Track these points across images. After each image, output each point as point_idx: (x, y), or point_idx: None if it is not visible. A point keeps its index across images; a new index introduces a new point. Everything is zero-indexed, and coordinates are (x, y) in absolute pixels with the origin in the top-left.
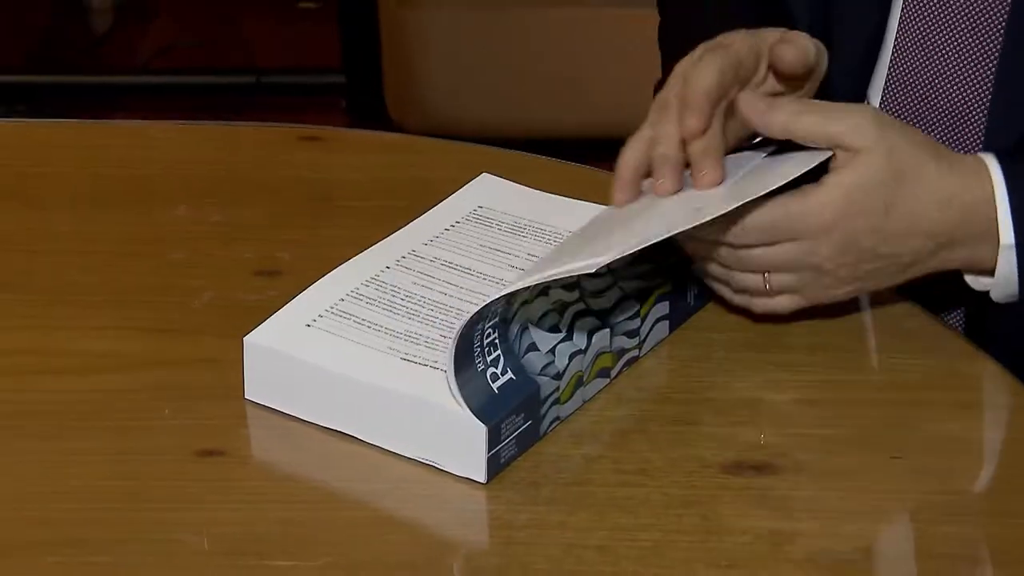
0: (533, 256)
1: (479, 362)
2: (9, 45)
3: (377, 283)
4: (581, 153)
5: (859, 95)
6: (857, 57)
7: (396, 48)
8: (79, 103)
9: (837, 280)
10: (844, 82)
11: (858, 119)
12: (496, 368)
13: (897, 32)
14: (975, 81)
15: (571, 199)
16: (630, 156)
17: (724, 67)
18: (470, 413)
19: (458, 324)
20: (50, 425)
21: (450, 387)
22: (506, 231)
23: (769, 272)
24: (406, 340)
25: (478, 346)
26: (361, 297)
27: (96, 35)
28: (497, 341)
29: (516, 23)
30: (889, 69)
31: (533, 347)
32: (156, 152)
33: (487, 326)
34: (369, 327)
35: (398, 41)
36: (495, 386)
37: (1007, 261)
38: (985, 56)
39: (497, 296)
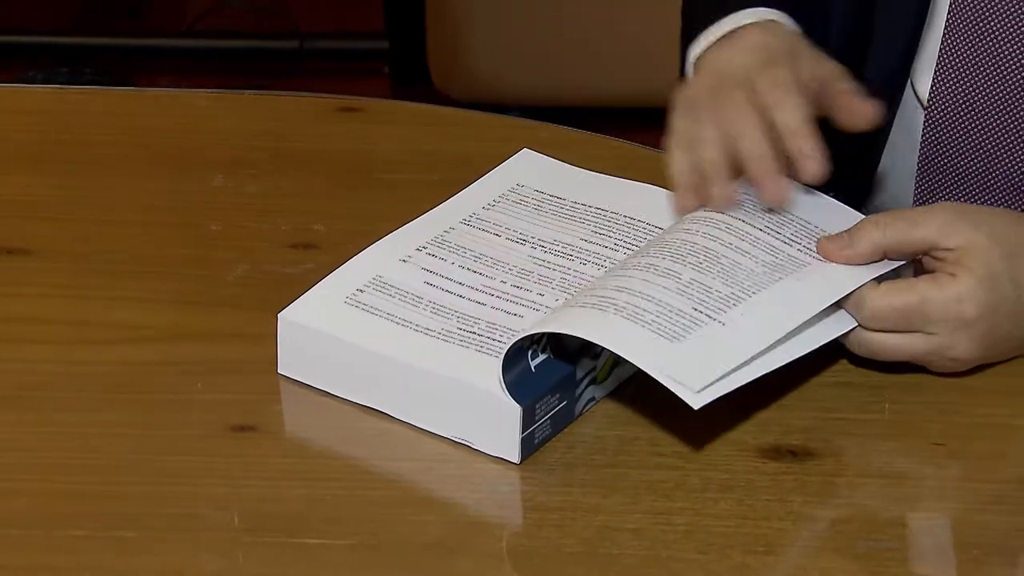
0: (566, 238)
1: (526, 341)
2: (52, 8)
3: (413, 261)
4: (632, 122)
5: (901, 78)
6: (901, 39)
7: (440, 14)
8: (120, 67)
9: (968, 363)
10: (887, 63)
11: (941, 217)
12: (537, 345)
13: (948, 14)
14: None
15: (611, 176)
16: (681, 163)
17: (805, 102)
18: (505, 393)
19: (494, 304)
20: (80, 396)
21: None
22: (545, 211)
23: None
24: (442, 319)
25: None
26: (397, 275)
27: None
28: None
29: None
30: (939, 55)
31: None
32: (194, 121)
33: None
34: (405, 305)
35: (442, 7)
36: (533, 364)
37: None
38: None
39: (547, 331)
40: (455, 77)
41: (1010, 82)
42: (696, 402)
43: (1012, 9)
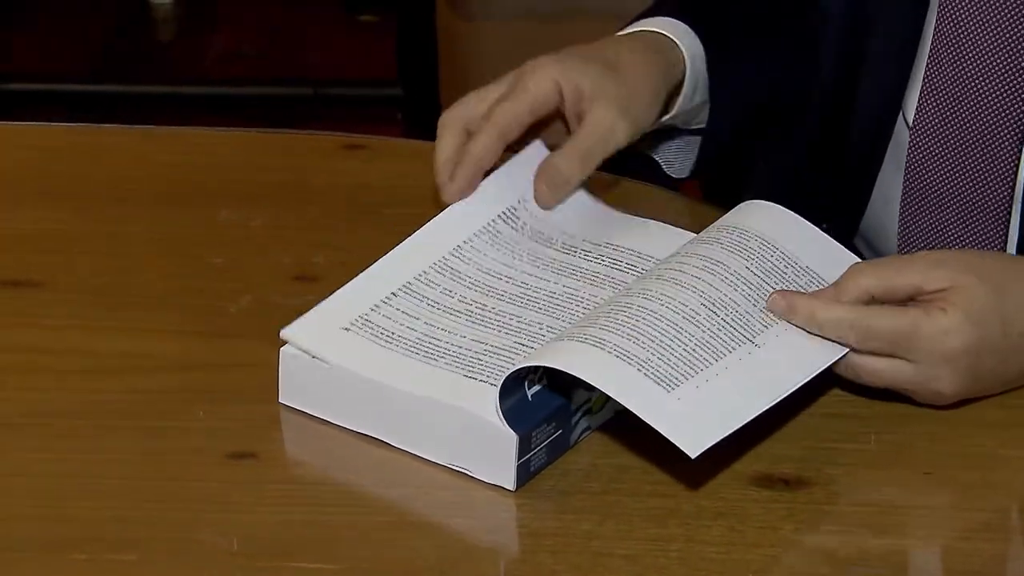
0: (564, 264)
1: (523, 371)
2: (72, 55)
3: (412, 288)
4: (638, 167)
5: (894, 104)
6: (894, 67)
7: (454, 62)
8: (139, 113)
9: (952, 397)
10: (880, 90)
11: (924, 262)
12: (534, 375)
13: (933, 39)
14: (1010, 91)
15: (610, 207)
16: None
17: (505, 128)
18: (502, 421)
19: (492, 332)
20: (83, 424)
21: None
22: (545, 235)
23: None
24: (439, 346)
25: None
26: (396, 302)
27: (159, 45)
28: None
29: (577, 38)
30: (924, 80)
31: None
32: (199, 157)
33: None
34: (403, 333)
35: (456, 55)
36: (530, 394)
37: None
38: (1021, 62)
39: (535, 363)
40: None
41: (989, 107)
42: (693, 451)
43: (992, 34)
